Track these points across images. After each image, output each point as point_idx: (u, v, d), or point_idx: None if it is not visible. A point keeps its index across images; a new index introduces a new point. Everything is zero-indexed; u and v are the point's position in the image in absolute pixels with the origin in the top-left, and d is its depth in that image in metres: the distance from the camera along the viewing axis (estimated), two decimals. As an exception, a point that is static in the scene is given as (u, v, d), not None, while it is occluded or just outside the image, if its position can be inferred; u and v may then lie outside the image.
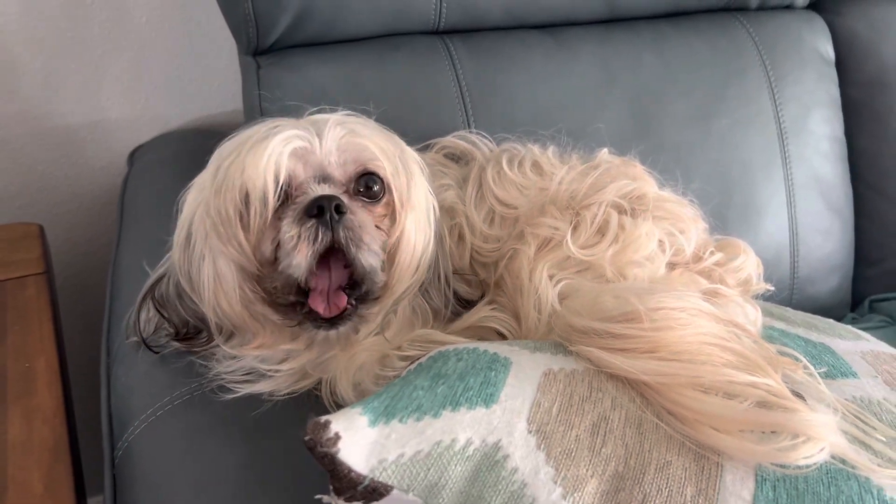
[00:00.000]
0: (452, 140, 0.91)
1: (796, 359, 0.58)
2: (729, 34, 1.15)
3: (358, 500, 0.49)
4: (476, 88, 1.01)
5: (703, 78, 1.11)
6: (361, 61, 0.98)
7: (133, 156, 1.23)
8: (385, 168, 0.68)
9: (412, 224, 0.69)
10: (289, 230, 0.63)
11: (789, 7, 1.23)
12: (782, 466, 0.49)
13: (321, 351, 0.70)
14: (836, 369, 0.64)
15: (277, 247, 0.65)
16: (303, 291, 0.65)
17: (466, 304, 0.77)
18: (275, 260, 0.65)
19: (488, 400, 0.52)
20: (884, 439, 0.54)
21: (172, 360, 0.74)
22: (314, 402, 0.69)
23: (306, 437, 0.49)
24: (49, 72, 1.16)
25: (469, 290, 0.79)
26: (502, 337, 0.74)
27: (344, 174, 0.67)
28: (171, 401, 0.70)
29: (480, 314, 0.75)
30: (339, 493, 0.50)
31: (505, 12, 1.05)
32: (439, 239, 0.75)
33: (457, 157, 0.91)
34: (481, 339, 0.70)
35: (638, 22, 1.14)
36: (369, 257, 0.65)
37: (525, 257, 0.75)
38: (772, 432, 0.50)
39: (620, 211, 0.76)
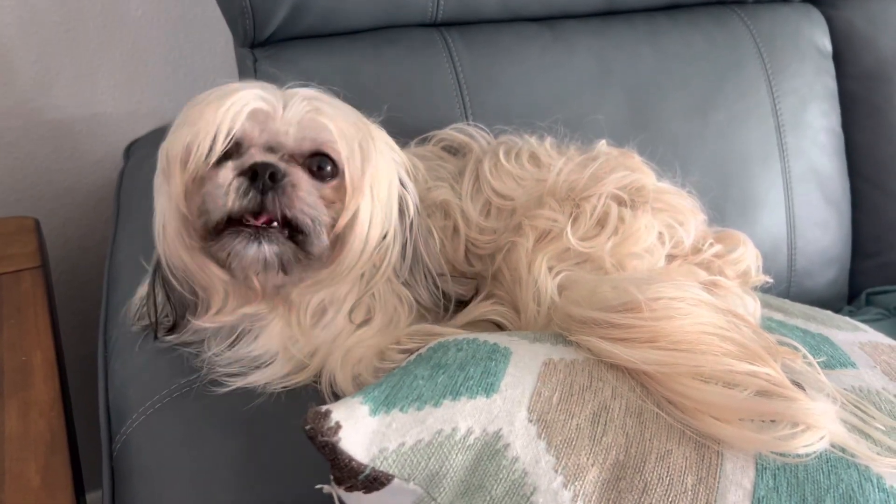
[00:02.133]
0: (450, 132, 0.91)
1: (795, 349, 0.58)
2: (726, 27, 1.15)
3: (359, 490, 0.49)
4: (473, 81, 1.00)
5: (700, 71, 1.11)
6: (359, 54, 0.98)
7: (129, 150, 1.22)
8: (339, 151, 0.66)
9: (366, 211, 0.68)
10: (222, 181, 0.63)
11: (787, 0, 1.23)
12: (782, 455, 0.49)
13: (284, 312, 0.69)
14: (834, 359, 0.64)
15: (204, 200, 0.65)
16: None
17: (458, 305, 0.76)
18: (203, 213, 0.65)
19: (489, 389, 0.52)
20: (883, 428, 0.54)
21: (170, 352, 0.74)
22: (312, 392, 0.69)
23: (307, 427, 0.49)
24: (44, 65, 1.16)
25: (461, 291, 0.77)
26: (502, 329, 0.73)
27: (297, 149, 0.66)
28: (169, 393, 0.70)
29: (480, 309, 0.75)
30: (339, 482, 0.50)
31: (502, 5, 1.05)
32: (423, 237, 0.74)
33: (454, 150, 0.91)
34: (481, 331, 0.70)
35: (635, 15, 1.13)
36: (307, 214, 0.64)
37: (523, 249, 0.74)
38: (771, 421, 0.50)
39: (620, 203, 0.76)
